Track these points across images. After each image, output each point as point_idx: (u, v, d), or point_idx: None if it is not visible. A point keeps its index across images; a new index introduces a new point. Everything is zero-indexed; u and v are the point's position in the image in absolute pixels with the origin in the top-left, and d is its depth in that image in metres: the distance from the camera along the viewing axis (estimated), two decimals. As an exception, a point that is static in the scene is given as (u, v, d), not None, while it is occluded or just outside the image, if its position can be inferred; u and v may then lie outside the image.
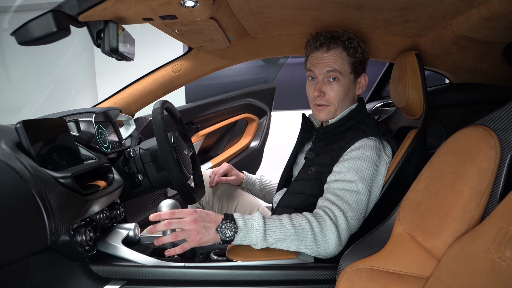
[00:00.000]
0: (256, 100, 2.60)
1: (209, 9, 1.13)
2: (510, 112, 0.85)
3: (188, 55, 1.83)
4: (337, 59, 1.39)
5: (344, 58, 1.39)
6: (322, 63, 1.40)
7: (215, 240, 1.11)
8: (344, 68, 1.39)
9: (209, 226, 1.11)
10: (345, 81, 1.40)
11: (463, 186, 0.88)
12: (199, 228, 1.09)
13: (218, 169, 1.79)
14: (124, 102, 1.88)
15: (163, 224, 1.10)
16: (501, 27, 1.22)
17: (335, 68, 1.38)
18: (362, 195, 1.22)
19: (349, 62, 1.40)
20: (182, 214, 1.12)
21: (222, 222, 1.12)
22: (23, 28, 1.01)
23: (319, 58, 1.41)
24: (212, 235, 1.10)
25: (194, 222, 1.10)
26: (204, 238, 1.10)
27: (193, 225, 1.09)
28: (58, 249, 1.05)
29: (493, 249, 0.73)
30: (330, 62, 1.39)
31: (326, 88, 1.41)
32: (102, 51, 1.13)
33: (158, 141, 1.38)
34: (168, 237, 1.11)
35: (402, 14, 1.32)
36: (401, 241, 0.97)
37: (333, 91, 1.40)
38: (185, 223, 1.10)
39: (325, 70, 1.40)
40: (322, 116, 1.45)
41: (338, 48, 1.39)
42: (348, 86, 1.41)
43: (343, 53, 1.39)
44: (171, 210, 1.13)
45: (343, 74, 1.39)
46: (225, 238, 1.10)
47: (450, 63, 1.64)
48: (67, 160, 1.13)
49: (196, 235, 1.09)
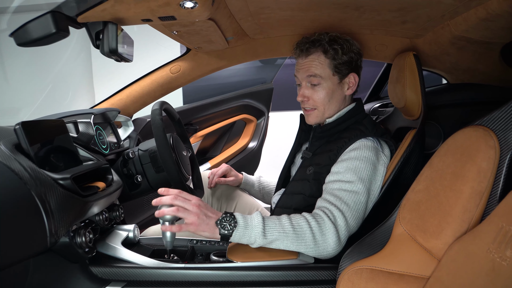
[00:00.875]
0: (254, 101, 2.60)
1: (208, 10, 1.13)
2: (509, 112, 0.86)
3: (186, 56, 1.83)
4: (316, 64, 1.40)
5: (324, 62, 1.40)
6: (303, 69, 1.43)
7: (213, 233, 1.10)
8: (324, 71, 1.40)
9: (210, 216, 1.11)
10: (327, 84, 1.41)
11: (463, 186, 0.88)
12: (200, 214, 1.10)
13: (217, 170, 1.79)
14: (123, 103, 1.88)
15: (169, 197, 1.10)
16: (498, 28, 1.22)
17: (314, 73, 1.40)
18: (360, 196, 1.22)
19: (330, 65, 1.40)
20: (189, 196, 1.13)
21: (222, 216, 1.12)
22: (22, 29, 1.01)
23: (300, 64, 1.45)
24: (211, 225, 1.10)
25: (197, 206, 1.10)
26: (203, 226, 1.09)
27: (195, 208, 1.10)
28: (58, 250, 1.05)
29: (494, 249, 0.73)
30: (311, 67, 1.41)
31: (309, 93, 1.44)
32: (101, 52, 1.12)
33: (157, 142, 1.38)
34: (169, 210, 1.10)
35: (400, 14, 1.33)
36: (401, 241, 0.97)
37: (316, 94, 1.43)
38: (189, 204, 1.10)
39: (305, 76, 1.43)
40: (311, 120, 1.48)
41: (317, 52, 1.41)
42: (332, 88, 1.42)
43: (321, 56, 1.40)
44: (179, 190, 1.14)
45: (324, 77, 1.41)
46: (224, 231, 1.10)
47: (448, 64, 1.64)
48: (66, 161, 1.13)
49: (196, 218, 1.09)
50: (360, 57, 1.46)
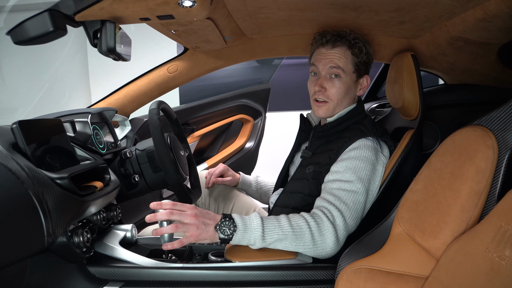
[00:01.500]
0: (251, 101, 2.60)
1: (207, 9, 1.13)
2: (507, 113, 0.86)
3: (184, 56, 1.83)
4: (341, 56, 1.40)
5: (348, 57, 1.40)
6: (326, 59, 1.41)
7: (213, 239, 1.10)
8: (347, 66, 1.40)
9: (208, 223, 1.11)
10: (346, 79, 1.41)
11: (461, 186, 0.88)
12: (199, 224, 1.09)
13: (214, 170, 1.79)
14: (120, 103, 1.87)
15: (164, 213, 1.09)
16: (496, 29, 1.23)
17: (338, 65, 1.39)
18: (359, 195, 1.22)
19: (353, 62, 1.41)
20: (184, 207, 1.11)
21: (221, 220, 1.11)
22: (19, 27, 1.00)
23: (324, 54, 1.42)
24: (211, 232, 1.10)
25: (194, 217, 1.09)
26: (203, 235, 1.09)
27: (193, 220, 1.09)
28: (55, 250, 1.04)
29: (493, 248, 0.73)
30: (334, 59, 1.40)
31: (328, 84, 1.42)
32: (99, 51, 1.12)
33: (155, 142, 1.37)
34: (167, 228, 1.10)
35: (398, 15, 1.33)
36: (400, 241, 0.97)
37: (334, 87, 1.41)
38: (186, 216, 1.09)
39: (328, 66, 1.41)
40: (321, 112, 1.46)
41: (343, 46, 1.40)
42: (349, 85, 1.42)
43: (347, 51, 1.40)
44: (173, 202, 1.12)
45: (346, 72, 1.40)
46: (223, 236, 1.10)
47: (445, 64, 1.65)
48: (63, 161, 1.12)
49: (195, 230, 1.08)
50: (372, 62, 1.48)
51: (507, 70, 1.57)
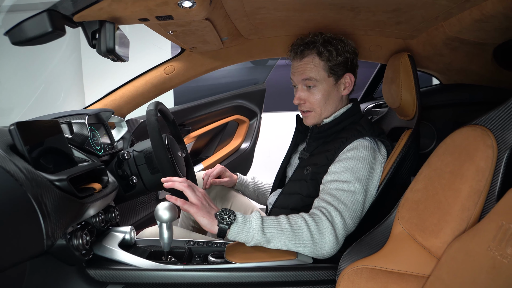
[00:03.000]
0: (246, 101, 2.60)
1: (206, 10, 1.13)
2: (506, 112, 0.86)
3: (181, 57, 1.82)
4: (311, 66, 1.41)
5: (318, 64, 1.40)
6: (298, 72, 1.44)
7: (212, 223, 1.11)
8: (319, 74, 1.41)
9: (212, 206, 1.16)
10: (323, 86, 1.42)
11: (461, 185, 0.88)
12: (203, 201, 1.14)
13: (212, 170, 1.78)
14: (116, 104, 1.86)
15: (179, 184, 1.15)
16: (492, 29, 1.24)
17: (309, 76, 1.41)
18: (358, 195, 1.23)
19: (325, 67, 1.41)
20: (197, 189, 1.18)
21: (221, 209, 1.14)
22: (17, 27, 0.99)
23: (296, 67, 1.45)
24: (211, 215, 1.12)
25: (202, 194, 1.17)
26: (203, 212, 1.12)
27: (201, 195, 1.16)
28: (54, 253, 1.03)
29: (494, 247, 0.74)
30: (306, 70, 1.41)
31: (305, 95, 1.44)
32: (97, 52, 1.11)
33: (153, 143, 1.37)
34: (180, 185, 1.15)
35: (394, 15, 1.33)
36: (401, 241, 0.97)
37: (313, 97, 1.43)
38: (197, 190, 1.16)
39: (301, 79, 1.43)
40: (308, 121, 1.49)
41: (311, 55, 1.41)
42: (328, 90, 1.43)
43: (316, 59, 1.40)
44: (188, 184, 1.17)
45: (319, 80, 1.41)
46: (222, 224, 1.10)
47: (441, 64, 1.66)
48: (61, 162, 1.12)
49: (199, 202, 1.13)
50: (356, 56, 1.46)
51: (502, 70, 1.59)
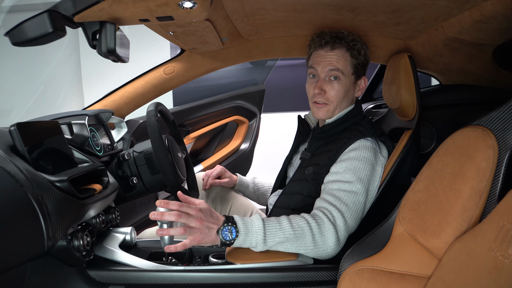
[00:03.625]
0: (246, 102, 2.59)
1: (206, 11, 1.13)
2: (507, 113, 0.87)
3: (181, 57, 1.82)
4: (340, 58, 1.39)
5: (347, 59, 1.40)
6: (325, 61, 1.41)
7: (215, 242, 1.09)
8: (346, 68, 1.40)
9: (212, 227, 1.08)
10: (346, 81, 1.41)
11: (462, 185, 0.88)
12: (203, 228, 1.07)
13: (212, 171, 1.78)
14: (115, 105, 1.86)
15: (173, 214, 1.05)
16: (491, 30, 1.24)
17: (337, 67, 1.39)
18: (359, 196, 1.23)
19: (352, 63, 1.41)
20: (190, 210, 1.08)
21: (223, 224, 1.10)
22: (18, 28, 0.99)
23: (323, 56, 1.42)
24: (213, 237, 1.08)
25: (199, 221, 1.06)
26: (205, 239, 1.07)
27: (198, 224, 1.06)
28: (55, 254, 1.03)
29: (496, 247, 0.74)
30: (333, 61, 1.39)
31: (327, 87, 1.41)
32: (98, 53, 1.11)
33: (153, 144, 1.36)
34: (175, 230, 1.06)
35: (394, 16, 1.34)
36: (402, 241, 0.98)
37: (334, 90, 1.41)
38: (192, 219, 1.06)
39: (327, 69, 1.40)
40: (321, 114, 1.45)
41: (342, 48, 1.40)
42: (348, 86, 1.42)
43: (346, 53, 1.40)
44: (179, 203, 1.08)
45: (345, 74, 1.40)
46: (225, 241, 1.09)
47: (441, 65, 1.66)
48: (62, 163, 1.11)
49: (199, 234, 1.06)
50: (368, 63, 1.48)
51: (501, 70, 1.59)
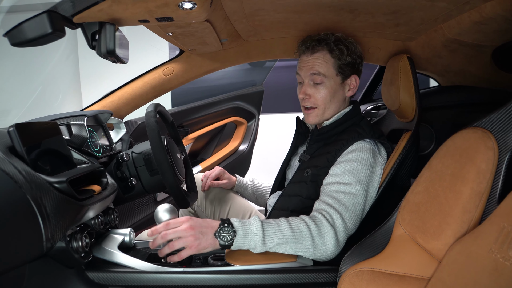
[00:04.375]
0: (244, 103, 2.59)
1: (206, 11, 1.12)
2: (507, 114, 0.87)
3: (179, 58, 1.82)
4: (321, 62, 1.40)
5: (329, 61, 1.40)
6: (307, 66, 1.43)
7: (214, 246, 1.09)
8: (328, 70, 1.41)
9: (206, 231, 1.09)
10: (330, 84, 1.41)
11: (462, 187, 0.88)
12: (196, 234, 1.08)
13: (210, 172, 1.78)
14: (114, 105, 1.85)
15: (160, 237, 1.09)
16: (491, 31, 1.24)
17: (318, 71, 1.40)
18: (359, 197, 1.23)
19: (335, 65, 1.41)
20: (177, 223, 1.10)
21: (219, 226, 1.10)
22: (17, 29, 0.98)
23: (305, 61, 1.44)
24: (210, 240, 1.09)
25: (190, 229, 1.08)
26: (202, 244, 1.08)
27: (189, 231, 1.08)
28: (54, 255, 1.03)
29: (496, 249, 0.74)
30: (315, 65, 1.41)
31: (311, 91, 1.43)
32: (97, 53, 1.10)
33: (152, 145, 1.36)
34: (165, 249, 1.09)
35: (393, 17, 1.34)
36: (402, 243, 0.98)
37: (318, 93, 1.42)
38: (181, 231, 1.08)
39: (309, 73, 1.42)
40: (311, 119, 1.47)
41: (323, 51, 1.41)
42: (334, 88, 1.42)
43: (327, 55, 1.40)
44: (166, 222, 1.11)
45: (328, 76, 1.41)
46: (224, 242, 1.09)
47: (440, 66, 1.66)
48: (60, 164, 1.11)
49: (194, 241, 1.07)
50: (361, 61, 1.47)
51: (500, 72, 1.59)
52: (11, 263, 0.86)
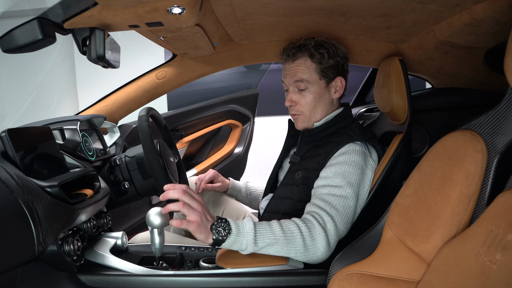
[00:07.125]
0: (239, 106, 2.60)
1: (196, 16, 1.13)
2: (496, 117, 0.87)
3: (173, 62, 1.83)
4: (303, 68, 1.41)
5: (310, 66, 1.41)
6: (289, 74, 1.44)
7: (207, 238, 1.08)
8: (311, 76, 1.41)
9: (209, 219, 1.10)
10: (314, 89, 1.42)
11: (451, 190, 0.88)
12: (202, 215, 1.08)
13: (204, 175, 1.78)
14: (108, 110, 1.86)
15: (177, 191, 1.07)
16: (482, 33, 1.24)
17: (301, 77, 1.41)
18: (349, 200, 1.23)
19: (317, 69, 1.41)
20: (195, 194, 1.11)
21: (217, 221, 1.11)
22: (8, 35, 0.99)
23: (287, 69, 1.46)
24: (207, 230, 1.08)
25: (201, 207, 1.09)
26: (201, 228, 1.07)
27: (200, 208, 1.08)
28: (46, 259, 1.03)
29: (483, 252, 0.74)
30: (298, 72, 1.42)
31: (297, 97, 1.45)
32: (88, 59, 1.11)
33: (144, 149, 1.36)
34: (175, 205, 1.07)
35: (385, 20, 1.34)
36: (391, 246, 0.98)
37: (304, 99, 1.43)
38: (195, 202, 1.08)
39: (293, 80, 1.43)
40: (299, 124, 1.49)
41: (303, 57, 1.42)
42: (319, 92, 1.43)
43: (308, 61, 1.41)
44: (186, 187, 1.11)
45: (311, 82, 1.42)
46: (218, 237, 1.08)
47: (433, 68, 1.67)
48: (53, 168, 1.11)
49: (198, 218, 1.06)
50: (346, 61, 1.47)
51: (493, 73, 1.60)
52: (2, 267, 0.86)
